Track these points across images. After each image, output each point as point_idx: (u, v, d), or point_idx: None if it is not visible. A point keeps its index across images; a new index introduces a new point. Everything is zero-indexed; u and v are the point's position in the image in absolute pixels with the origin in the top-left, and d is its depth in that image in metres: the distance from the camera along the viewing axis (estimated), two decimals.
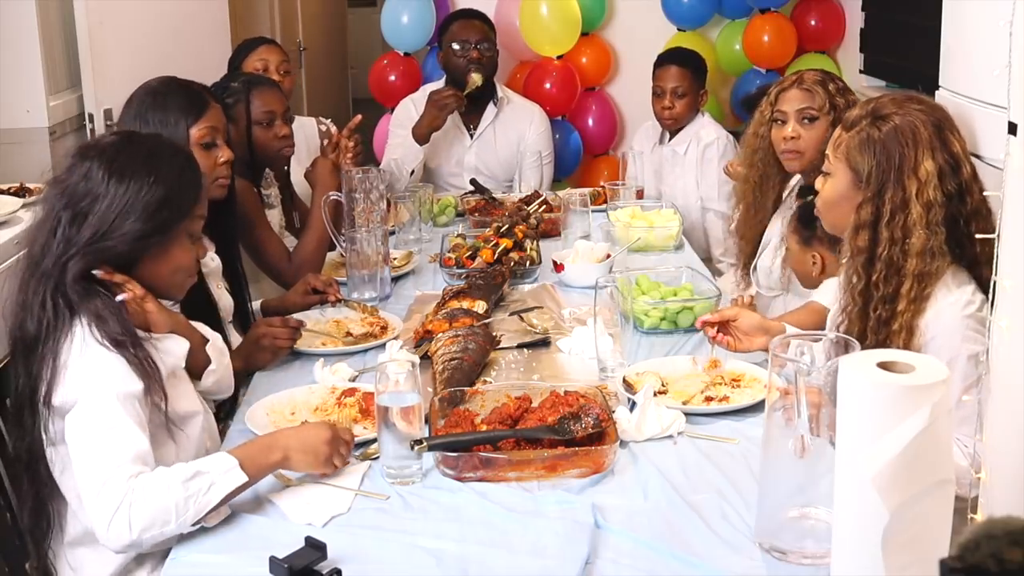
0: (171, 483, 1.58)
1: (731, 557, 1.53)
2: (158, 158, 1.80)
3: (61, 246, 1.73)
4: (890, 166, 1.84)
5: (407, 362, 1.80)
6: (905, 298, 1.83)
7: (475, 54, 3.79)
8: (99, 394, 1.65)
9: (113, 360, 1.68)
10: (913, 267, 1.82)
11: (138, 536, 1.56)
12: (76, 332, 1.70)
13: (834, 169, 1.95)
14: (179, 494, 1.57)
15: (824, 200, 2.00)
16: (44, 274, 1.73)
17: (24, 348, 1.73)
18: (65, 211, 1.74)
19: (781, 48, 4.41)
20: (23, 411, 1.74)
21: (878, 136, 1.87)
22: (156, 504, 1.56)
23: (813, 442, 1.44)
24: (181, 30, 3.89)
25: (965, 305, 1.82)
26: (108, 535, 1.56)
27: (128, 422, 1.64)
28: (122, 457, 1.60)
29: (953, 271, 1.86)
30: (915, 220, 1.82)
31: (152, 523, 1.56)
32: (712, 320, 2.14)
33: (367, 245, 2.66)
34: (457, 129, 3.92)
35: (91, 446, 1.62)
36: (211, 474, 1.61)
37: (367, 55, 6.71)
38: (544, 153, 3.99)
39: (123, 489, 1.56)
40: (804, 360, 1.44)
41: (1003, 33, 1.32)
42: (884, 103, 1.91)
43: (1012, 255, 1.35)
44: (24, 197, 3.03)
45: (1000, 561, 0.88)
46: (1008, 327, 1.35)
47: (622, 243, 3.00)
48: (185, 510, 1.57)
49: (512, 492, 1.71)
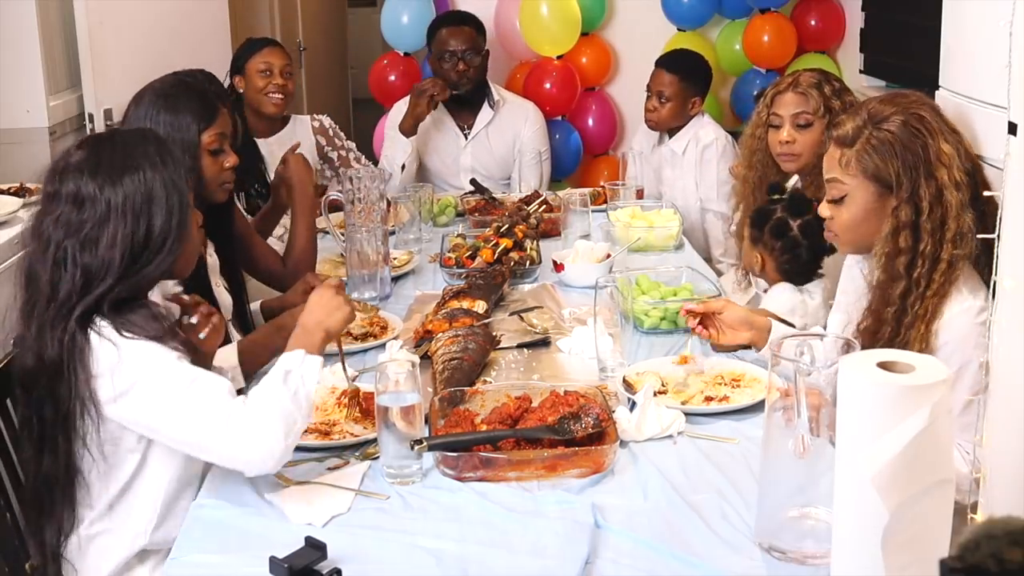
0: (276, 389, 1.67)
1: (731, 557, 1.53)
2: (133, 148, 1.78)
3: (80, 276, 1.69)
4: (917, 161, 1.81)
5: (407, 362, 1.81)
6: (936, 282, 1.80)
7: (462, 66, 3.80)
8: (158, 365, 1.67)
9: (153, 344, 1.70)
10: (948, 253, 1.80)
11: (285, 442, 1.64)
12: (96, 338, 1.68)
13: (850, 189, 1.89)
14: (286, 394, 1.67)
15: (846, 224, 1.93)
16: (63, 305, 1.69)
17: (49, 374, 1.70)
18: (69, 240, 1.70)
19: (781, 48, 4.41)
20: (56, 436, 1.72)
21: (892, 137, 1.84)
22: (280, 410, 1.65)
23: (813, 442, 1.44)
24: (181, 30, 3.89)
25: (979, 312, 1.79)
26: (261, 456, 1.63)
27: (200, 371, 1.70)
28: (222, 394, 1.66)
29: (967, 274, 1.83)
30: (953, 206, 1.79)
31: (288, 426, 1.65)
32: (696, 310, 2.13)
33: (367, 245, 2.66)
34: (451, 130, 3.93)
35: (188, 404, 1.65)
36: (295, 370, 1.70)
37: (367, 55, 6.71)
38: (542, 151, 4.00)
39: (246, 414, 1.64)
40: (804, 360, 1.44)
41: (1003, 33, 1.32)
42: (875, 108, 1.88)
43: (1012, 255, 1.35)
44: (24, 197, 3.03)
45: (1000, 561, 0.88)
46: (1008, 327, 1.35)
47: (622, 243, 3.00)
48: (300, 403, 1.67)
49: (512, 492, 1.71)
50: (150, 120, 2.24)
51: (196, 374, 1.69)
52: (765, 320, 2.13)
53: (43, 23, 3.44)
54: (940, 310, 1.81)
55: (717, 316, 2.12)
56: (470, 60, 3.80)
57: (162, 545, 1.78)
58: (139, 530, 1.79)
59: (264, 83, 3.45)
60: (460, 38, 3.80)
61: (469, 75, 3.81)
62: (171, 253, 1.76)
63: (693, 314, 2.12)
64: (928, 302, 1.81)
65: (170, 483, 1.79)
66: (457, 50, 3.79)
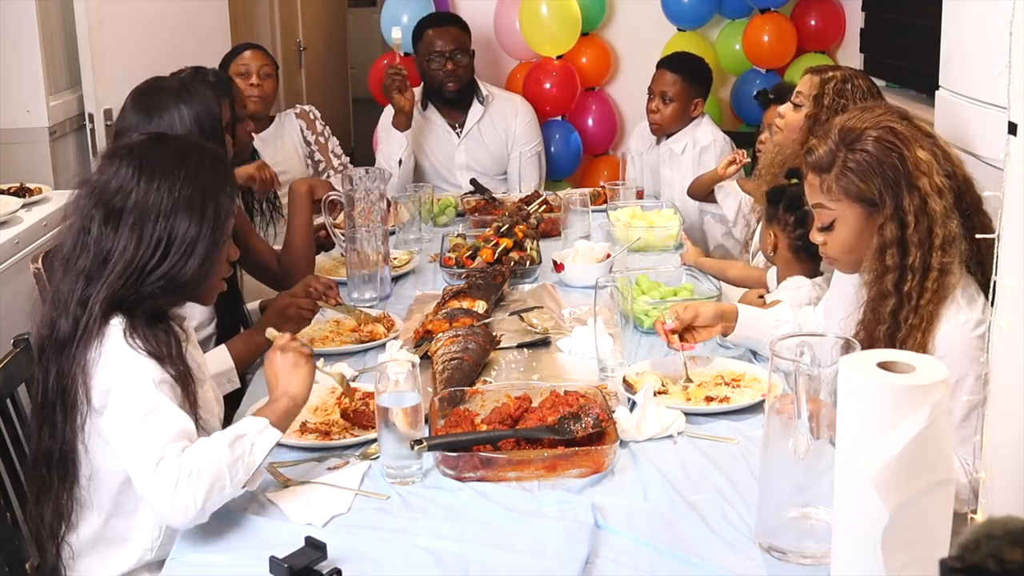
0: (218, 449, 1.62)
1: (731, 557, 1.53)
2: (187, 150, 1.80)
3: (119, 264, 1.71)
4: (896, 175, 1.79)
5: (407, 362, 1.81)
6: (929, 291, 1.78)
7: (450, 66, 3.82)
8: (137, 381, 1.67)
9: (146, 360, 1.70)
10: (938, 261, 1.77)
11: (202, 505, 1.58)
12: (110, 330, 1.70)
13: (838, 214, 1.86)
14: (227, 458, 1.61)
15: (840, 248, 1.90)
16: (80, 273, 1.72)
17: (56, 346, 1.72)
18: (96, 209, 1.73)
19: (781, 48, 4.42)
20: (54, 409, 1.73)
21: (867, 156, 1.80)
22: (210, 471, 1.59)
23: (813, 442, 1.44)
24: (181, 30, 3.89)
25: (976, 325, 1.78)
26: (174, 511, 1.58)
27: (168, 403, 1.67)
28: (169, 436, 1.62)
29: (964, 283, 1.81)
30: (938, 213, 1.77)
31: (211, 490, 1.59)
32: (676, 329, 2.10)
33: (367, 245, 2.66)
34: (443, 129, 3.95)
35: (138, 430, 1.64)
36: (249, 435, 1.66)
37: (367, 55, 6.72)
38: (535, 143, 4.04)
39: (177, 464, 1.59)
40: (804, 360, 1.44)
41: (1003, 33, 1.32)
42: (845, 128, 1.84)
43: (1012, 255, 1.35)
44: (24, 197, 3.03)
45: (1000, 561, 0.88)
46: (1008, 327, 1.35)
47: (622, 243, 3.00)
48: (236, 472, 1.62)
49: (512, 492, 1.71)
50: (178, 112, 2.28)
51: (158, 405, 1.65)
52: (732, 307, 2.16)
53: (43, 23, 3.45)
54: (935, 321, 1.79)
55: (693, 325, 2.12)
56: (458, 60, 3.83)
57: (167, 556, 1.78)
58: (145, 546, 1.78)
59: (243, 84, 3.49)
60: (446, 38, 3.82)
61: (457, 75, 3.84)
62: (207, 261, 1.76)
63: (672, 333, 2.10)
64: (923, 311, 1.78)
65: None
66: (444, 50, 3.81)
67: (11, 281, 2.73)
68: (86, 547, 1.79)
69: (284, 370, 1.80)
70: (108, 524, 1.78)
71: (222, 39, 4.09)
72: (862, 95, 2.64)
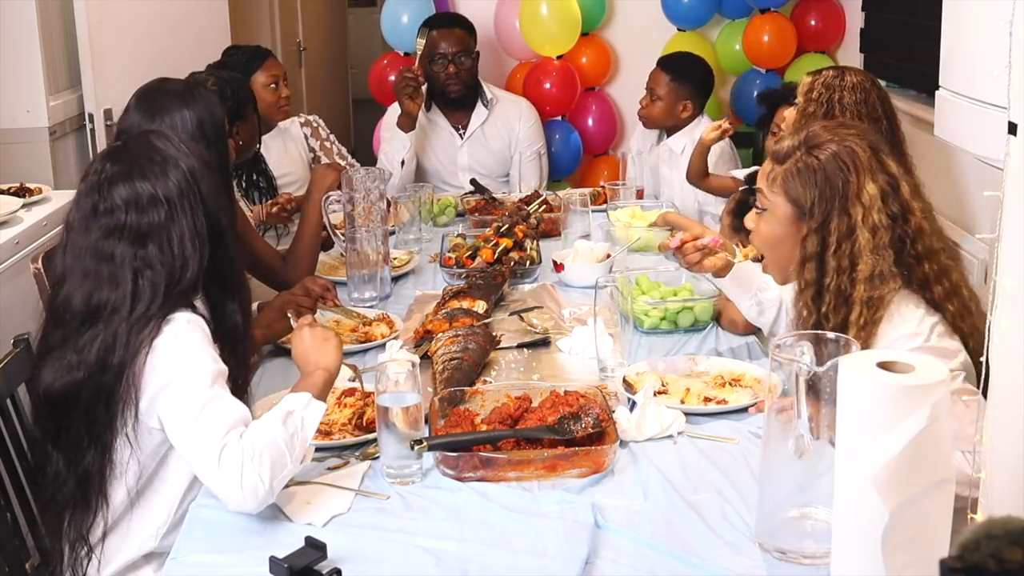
0: (273, 428, 1.65)
1: (731, 557, 1.53)
2: (156, 146, 1.80)
3: (163, 276, 1.72)
4: (834, 194, 1.78)
5: (407, 362, 1.81)
6: (855, 326, 1.75)
7: (452, 69, 3.80)
8: (193, 376, 1.68)
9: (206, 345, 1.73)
10: (861, 294, 1.75)
11: (269, 484, 1.61)
12: (165, 329, 1.70)
13: (771, 204, 1.87)
14: (284, 435, 1.65)
15: (764, 239, 1.91)
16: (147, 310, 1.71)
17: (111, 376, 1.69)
18: (141, 246, 1.72)
19: (781, 48, 4.41)
20: (103, 434, 1.71)
21: (817, 164, 1.80)
22: (272, 451, 1.62)
23: (813, 442, 1.44)
24: (181, 30, 3.89)
25: (911, 337, 1.75)
26: (244, 496, 1.61)
27: (224, 392, 1.70)
28: (228, 424, 1.65)
29: (901, 298, 1.79)
30: (862, 246, 1.76)
31: (275, 468, 1.62)
32: (687, 239, 2.19)
33: (367, 245, 2.66)
34: (446, 131, 3.94)
35: (199, 420, 1.65)
36: (298, 410, 1.69)
37: (367, 55, 6.71)
38: (539, 146, 4.02)
39: (239, 450, 1.61)
40: (804, 360, 1.44)
41: (1003, 33, 1.32)
42: (816, 132, 1.84)
43: (1012, 255, 1.35)
44: (24, 197, 3.03)
45: (1000, 561, 0.88)
46: (1008, 327, 1.35)
47: (622, 243, 3.00)
48: (294, 447, 1.65)
49: (512, 492, 1.71)
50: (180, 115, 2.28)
51: (214, 397, 1.67)
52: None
53: (43, 23, 3.45)
54: (871, 344, 1.75)
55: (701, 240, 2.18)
56: (460, 63, 3.81)
57: (169, 548, 1.77)
58: (150, 532, 1.79)
59: (274, 97, 3.48)
60: (450, 40, 3.80)
61: (460, 77, 3.83)
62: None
63: (696, 248, 2.16)
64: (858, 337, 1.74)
65: (186, 489, 1.79)
66: (448, 53, 3.79)
67: (11, 281, 2.73)
68: (97, 539, 1.79)
69: (314, 346, 1.82)
70: (119, 517, 1.78)
71: (222, 39, 4.09)
72: (852, 87, 2.65)
